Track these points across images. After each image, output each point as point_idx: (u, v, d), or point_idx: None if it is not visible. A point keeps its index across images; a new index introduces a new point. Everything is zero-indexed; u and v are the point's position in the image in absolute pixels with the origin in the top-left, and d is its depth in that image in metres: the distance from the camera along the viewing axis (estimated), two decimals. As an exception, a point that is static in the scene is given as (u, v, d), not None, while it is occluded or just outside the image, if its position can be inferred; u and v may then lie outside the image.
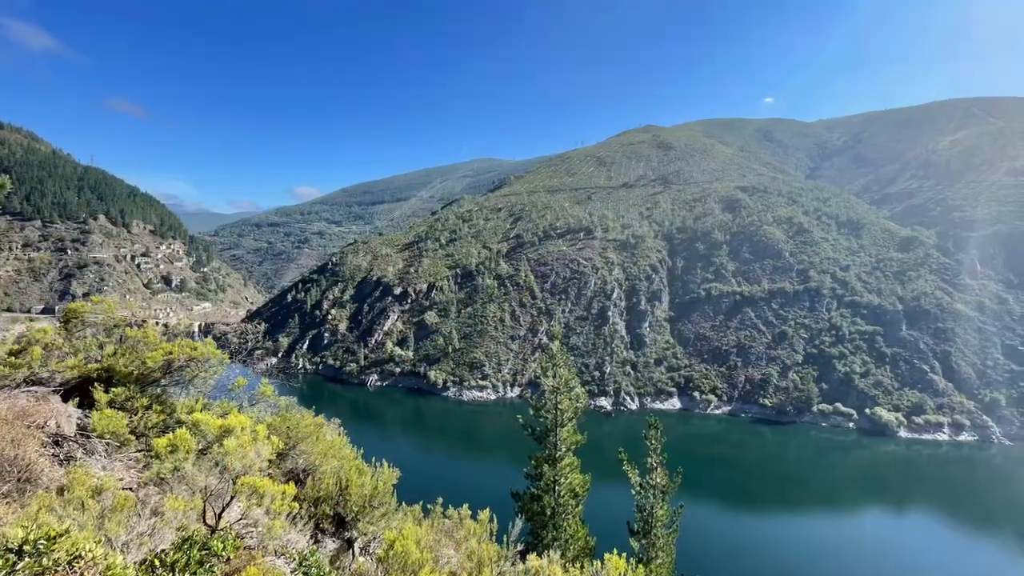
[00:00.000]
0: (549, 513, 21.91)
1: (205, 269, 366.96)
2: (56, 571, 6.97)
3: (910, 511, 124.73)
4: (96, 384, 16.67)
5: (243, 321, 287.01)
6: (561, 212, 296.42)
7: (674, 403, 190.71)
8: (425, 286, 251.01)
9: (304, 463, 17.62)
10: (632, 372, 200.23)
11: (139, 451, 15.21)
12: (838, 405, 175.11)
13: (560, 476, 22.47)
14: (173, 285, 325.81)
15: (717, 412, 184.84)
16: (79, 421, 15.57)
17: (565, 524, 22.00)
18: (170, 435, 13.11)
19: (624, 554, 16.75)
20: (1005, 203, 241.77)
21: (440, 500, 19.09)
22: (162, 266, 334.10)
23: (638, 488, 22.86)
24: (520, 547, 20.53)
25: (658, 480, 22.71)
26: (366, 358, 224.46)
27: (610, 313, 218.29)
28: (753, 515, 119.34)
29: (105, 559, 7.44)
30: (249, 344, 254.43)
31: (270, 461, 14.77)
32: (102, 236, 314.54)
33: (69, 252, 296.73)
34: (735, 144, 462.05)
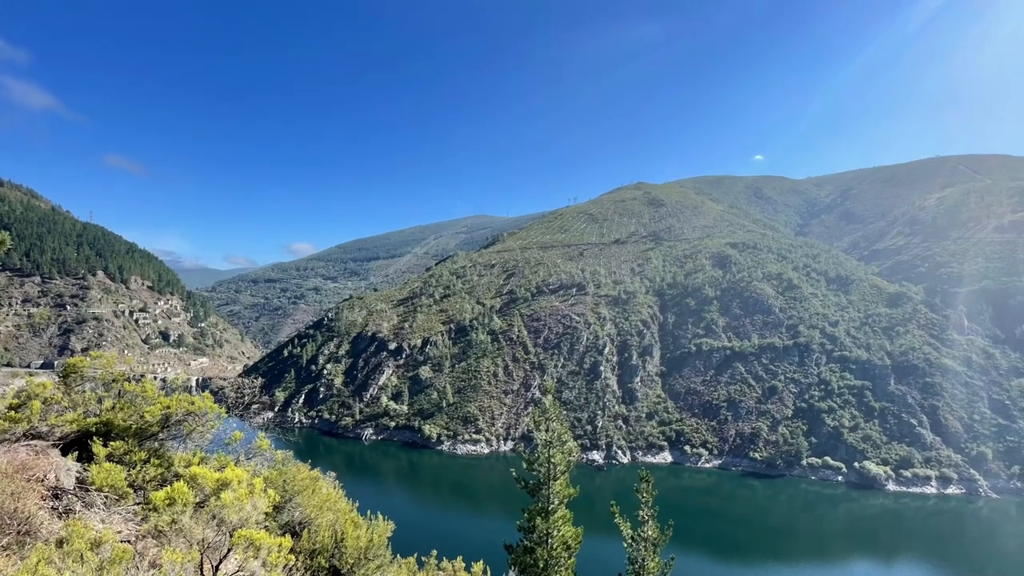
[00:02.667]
0: (542, 565, 21.78)
1: (202, 324, 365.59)
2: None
3: (898, 564, 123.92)
4: (95, 438, 16.81)
5: (240, 376, 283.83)
6: (554, 268, 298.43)
7: (665, 457, 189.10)
8: (420, 341, 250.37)
9: (300, 516, 17.72)
10: (624, 426, 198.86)
11: (137, 504, 15.31)
12: (827, 459, 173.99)
13: (553, 529, 22.43)
14: (171, 340, 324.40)
15: (708, 466, 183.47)
16: (78, 474, 15.69)
17: (558, 578, 21.91)
18: (168, 488, 13.26)
19: (616, 608, 16.82)
20: (992, 259, 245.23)
21: (434, 552, 19.10)
22: (160, 321, 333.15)
23: (630, 541, 22.78)
24: (513, 601, 20.42)
25: (649, 533, 22.67)
26: (361, 412, 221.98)
27: (602, 368, 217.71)
28: (743, 567, 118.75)
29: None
30: (246, 398, 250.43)
31: (267, 514, 14.89)
32: (101, 292, 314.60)
33: (68, 308, 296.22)
34: (725, 201, 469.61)
